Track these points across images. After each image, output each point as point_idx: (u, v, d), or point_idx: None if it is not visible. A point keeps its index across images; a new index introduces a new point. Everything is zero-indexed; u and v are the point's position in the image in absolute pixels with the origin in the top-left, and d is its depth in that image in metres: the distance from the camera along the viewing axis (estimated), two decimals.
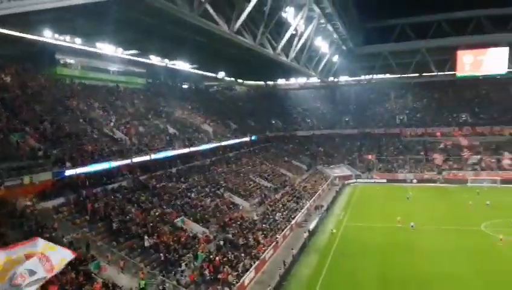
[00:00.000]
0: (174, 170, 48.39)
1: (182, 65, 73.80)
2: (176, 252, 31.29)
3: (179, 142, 51.21)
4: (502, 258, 35.56)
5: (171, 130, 54.47)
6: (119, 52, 57.44)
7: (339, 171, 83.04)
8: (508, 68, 78.26)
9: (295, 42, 49.71)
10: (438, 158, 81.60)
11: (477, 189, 65.44)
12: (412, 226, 45.06)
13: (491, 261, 34.86)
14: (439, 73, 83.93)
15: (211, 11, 29.63)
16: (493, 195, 60.57)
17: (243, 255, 34.34)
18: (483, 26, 75.81)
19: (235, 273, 30.93)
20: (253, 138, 77.81)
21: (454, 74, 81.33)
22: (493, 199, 56.64)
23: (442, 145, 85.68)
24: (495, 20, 75.34)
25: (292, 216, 48.63)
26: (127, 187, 38.81)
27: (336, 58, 74.65)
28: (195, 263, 31.22)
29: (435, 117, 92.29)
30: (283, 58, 49.34)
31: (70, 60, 54.11)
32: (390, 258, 36.52)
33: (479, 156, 79.76)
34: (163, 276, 27.91)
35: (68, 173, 33.18)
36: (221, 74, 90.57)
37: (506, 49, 76.21)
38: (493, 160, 77.99)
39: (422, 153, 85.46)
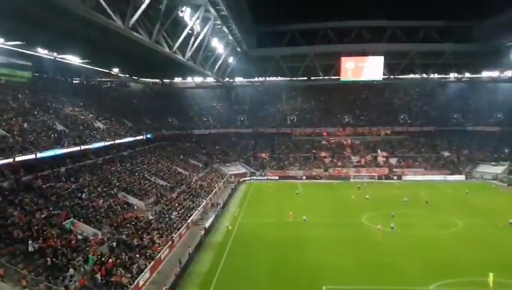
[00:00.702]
0: (63, 169, 45.51)
1: (73, 59, 69.47)
2: (64, 256, 29.59)
3: (68, 140, 48.20)
4: (380, 246, 39.78)
5: (60, 127, 51.01)
6: None
7: (235, 169, 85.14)
8: (384, 75, 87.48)
9: (191, 42, 50.08)
10: (325, 156, 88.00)
11: (358, 184, 72.07)
12: (304, 220, 48.12)
13: (370, 249, 38.74)
14: (325, 77, 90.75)
15: (104, 4, 28.72)
16: (372, 190, 67.29)
17: (137, 256, 33.70)
18: (362, 35, 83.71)
19: (129, 275, 30.31)
20: (148, 136, 76.13)
21: (339, 78, 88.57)
22: (372, 193, 62.98)
23: (328, 144, 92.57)
24: (372, 31, 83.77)
25: (188, 215, 48.82)
26: (7, 188, 35.68)
27: (231, 60, 76.48)
28: (85, 266, 29.87)
29: (322, 118, 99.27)
30: (179, 57, 49.37)
31: None
32: (283, 251, 38.57)
33: (359, 155, 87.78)
34: (49, 282, 26.31)
35: None
36: (115, 70, 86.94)
37: (381, 58, 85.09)
38: (371, 158, 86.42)
39: (311, 151, 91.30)
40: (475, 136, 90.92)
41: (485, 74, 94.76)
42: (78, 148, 49.00)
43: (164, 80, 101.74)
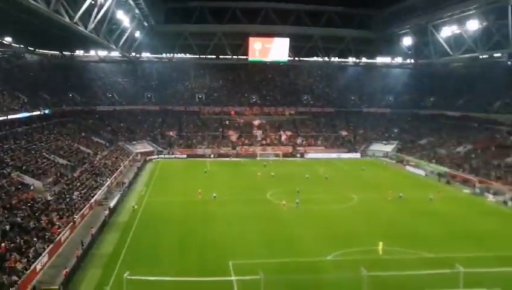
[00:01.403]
0: None
1: None
2: None
3: None
4: (283, 221, 41.96)
5: None
6: None
7: (141, 147, 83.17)
8: (289, 57, 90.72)
9: (95, 13, 47.41)
10: (233, 135, 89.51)
11: (265, 162, 74.80)
12: (214, 197, 48.95)
13: (273, 224, 40.71)
14: (233, 56, 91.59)
15: None
16: (276, 167, 70.30)
17: (34, 239, 31.95)
18: (270, 17, 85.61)
19: (25, 259, 28.72)
20: (47, 111, 71.02)
21: (247, 58, 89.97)
22: (276, 171, 65.83)
23: (236, 123, 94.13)
24: (279, 13, 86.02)
25: (91, 194, 47.02)
26: None
27: (138, 34, 73.74)
28: None
29: (230, 97, 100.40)
30: (81, 28, 46.53)
31: None
32: (190, 228, 38.95)
33: (265, 134, 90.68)
34: None
35: None
36: (7, 40, 78.65)
37: (287, 40, 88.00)
38: (276, 137, 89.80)
39: (219, 130, 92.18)
40: (369, 117, 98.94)
41: (379, 60, 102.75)
42: None
43: (64, 53, 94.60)
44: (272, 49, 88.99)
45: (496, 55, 77.52)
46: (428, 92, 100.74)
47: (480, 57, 76.82)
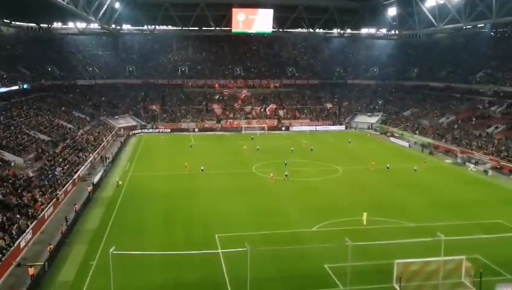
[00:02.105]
0: None
1: None
2: None
3: None
4: (268, 193, 42.13)
5: None
6: None
7: (124, 122, 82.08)
8: (273, 28, 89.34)
9: None
10: (217, 108, 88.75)
11: (252, 135, 74.64)
12: (202, 170, 48.94)
13: (259, 197, 40.88)
14: (216, 28, 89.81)
15: None
16: (262, 141, 70.18)
17: (17, 216, 31.54)
18: None
19: (8, 236, 28.38)
20: (25, 86, 69.13)
21: (230, 30, 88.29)
22: (262, 144, 65.73)
23: (220, 96, 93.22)
24: None
25: (74, 170, 46.43)
26: None
27: (117, 5, 71.54)
28: None
29: (214, 70, 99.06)
30: None
31: None
32: (176, 203, 38.89)
33: (250, 107, 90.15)
34: None
35: None
36: None
37: (271, 11, 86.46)
38: (261, 110, 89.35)
39: (203, 103, 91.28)
40: (354, 89, 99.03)
41: (364, 31, 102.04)
42: None
43: (41, 25, 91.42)
44: (255, 20, 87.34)
45: (479, 25, 77.65)
46: (413, 63, 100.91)
47: (464, 27, 76.88)
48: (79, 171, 46.72)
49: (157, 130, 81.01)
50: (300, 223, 33.52)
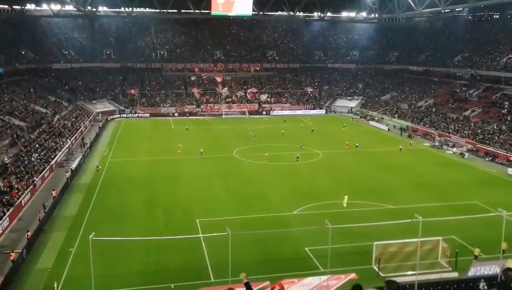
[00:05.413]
0: None
1: None
2: None
3: None
4: (250, 177, 42.06)
5: None
6: None
7: (102, 106, 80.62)
8: (253, 11, 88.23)
9: None
10: (197, 92, 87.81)
11: (237, 119, 74.21)
12: (201, 153, 49.60)
13: (240, 181, 40.78)
14: (196, 11, 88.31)
15: None
16: (240, 124, 69.85)
17: None
18: None
19: None
20: None
21: (209, 12, 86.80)
22: (240, 129, 65.43)
23: (200, 80, 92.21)
24: None
25: (52, 156, 45.49)
26: None
27: None
28: None
29: (193, 53, 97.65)
30: None
31: None
32: (156, 188, 38.53)
33: (230, 91, 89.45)
34: None
35: None
36: None
37: None
38: (242, 94, 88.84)
39: (182, 87, 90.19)
40: (334, 72, 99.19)
41: (344, 14, 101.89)
42: None
43: (14, 7, 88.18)
44: (235, 2, 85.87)
45: (457, 9, 78.32)
46: (392, 47, 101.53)
47: (443, 11, 77.40)
48: (56, 157, 45.81)
49: (136, 115, 79.81)
50: (281, 207, 33.69)
